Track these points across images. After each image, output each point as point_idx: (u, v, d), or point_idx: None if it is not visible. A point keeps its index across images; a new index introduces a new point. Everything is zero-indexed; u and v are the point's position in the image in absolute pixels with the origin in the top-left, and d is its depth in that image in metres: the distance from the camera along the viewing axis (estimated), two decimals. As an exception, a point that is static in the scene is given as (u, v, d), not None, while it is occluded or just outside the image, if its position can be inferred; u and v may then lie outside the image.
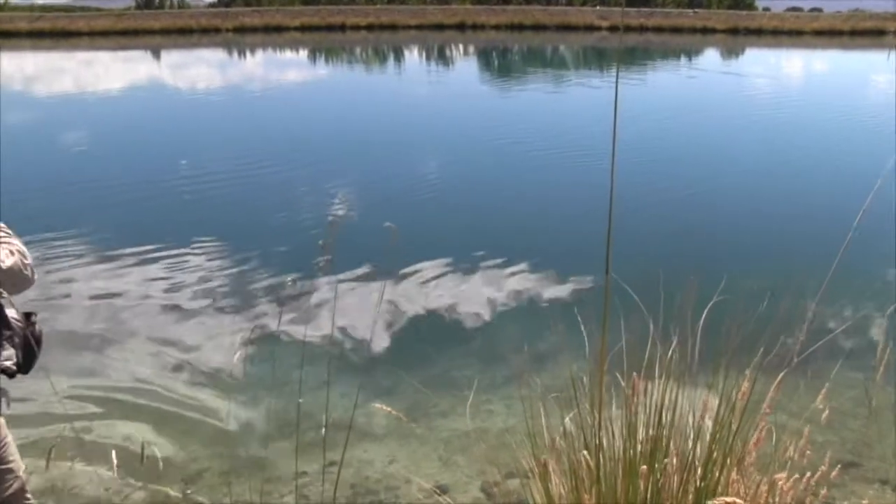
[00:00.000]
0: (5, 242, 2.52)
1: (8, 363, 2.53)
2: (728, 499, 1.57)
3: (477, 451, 4.33)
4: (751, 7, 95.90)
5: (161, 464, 4.38)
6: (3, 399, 2.58)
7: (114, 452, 2.36)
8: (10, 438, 2.63)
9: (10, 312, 2.60)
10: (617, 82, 2.11)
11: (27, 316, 2.67)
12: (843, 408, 4.76)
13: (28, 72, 34.79)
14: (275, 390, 5.09)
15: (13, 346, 2.55)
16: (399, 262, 7.76)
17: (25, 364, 2.61)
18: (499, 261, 8.08)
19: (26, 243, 2.62)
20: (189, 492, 4.26)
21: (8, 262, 2.44)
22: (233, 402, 5.09)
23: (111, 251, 8.49)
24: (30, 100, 24.32)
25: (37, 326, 2.67)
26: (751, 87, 26.50)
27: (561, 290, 7.17)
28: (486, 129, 17.40)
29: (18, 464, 2.66)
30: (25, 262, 2.51)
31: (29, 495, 2.71)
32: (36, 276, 2.55)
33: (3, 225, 2.61)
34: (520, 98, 24.90)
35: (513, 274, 7.70)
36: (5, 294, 2.61)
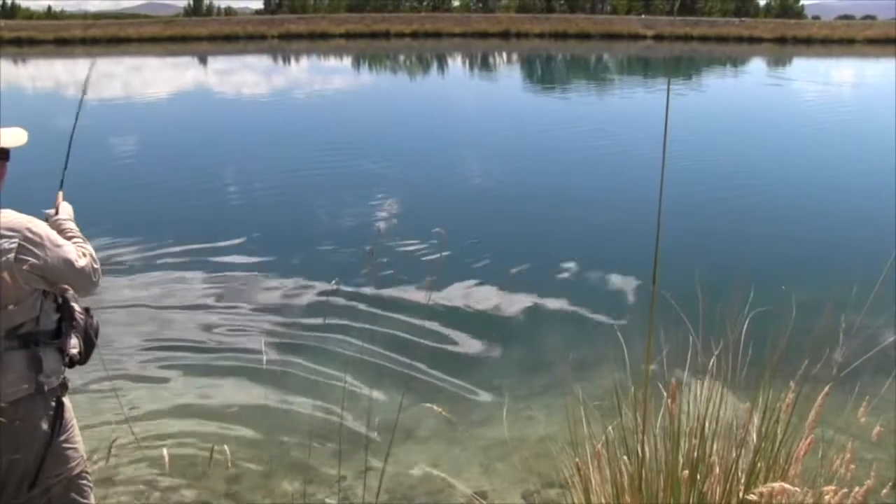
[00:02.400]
0: (79, 245, 2.73)
1: (73, 351, 2.71)
2: (776, 484, 1.56)
3: (517, 459, 4.33)
4: (800, 15, 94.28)
5: (204, 463, 4.46)
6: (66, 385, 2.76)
7: (165, 451, 2.43)
8: (74, 421, 2.78)
9: (74, 306, 2.77)
10: (668, 95, 2.11)
11: (86, 310, 2.83)
12: (893, 425, 4.66)
13: (81, 78, 35.58)
14: (318, 393, 5.15)
15: (77, 337, 2.73)
16: (447, 264, 7.85)
17: (85, 355, 2.79)
18: (543, 266, 8.11)
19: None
20: (231, 492, 4.33)
21: (81, 262, 2.65)
22: (276, 404, 5.16)
23: (157, 248, 8.76)
24: (91, 105, 24.89)
25: (94, 320, 2.84)
26: (800, 97, 26.09)
27: (604, 298, 7.14)
28: (539, 135, 17.51)
29: (82, 446, 2.82)
30: (94, 266, 2.72)
31: (88, 477, 2.85)
32: (99, 281, 2.75)
33: (76, 229, 2.83)
34: (571, 104, 24.87)
35: (556, 280, 7.68)
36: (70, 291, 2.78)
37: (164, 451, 2.51)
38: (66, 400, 2.71)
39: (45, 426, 2.61)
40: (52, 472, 2.65)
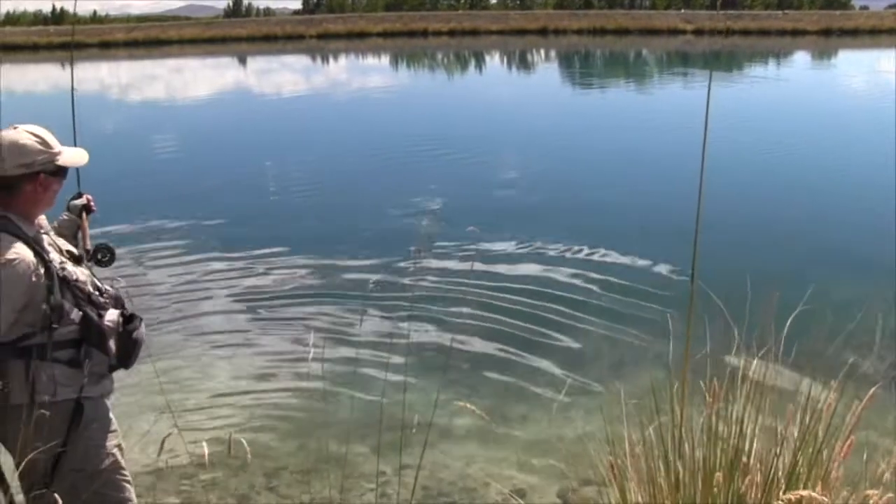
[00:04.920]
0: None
1: (93, 367, 2.74)
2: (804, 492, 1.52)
3: (554, 456, 4.32)
4: (846, 6, 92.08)
5: (245, 458, 4.52)
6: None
7: (205, 444, 2.47)
8: (102, 419, 2.83)
9: (110, 315, 2.79)
10: (710, 88, 2.09)
11: (131, 318, 2.85)
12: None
13: (126, 80, 36.28)
14: (357, 389, 5.19)
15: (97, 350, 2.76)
16: (490, 260, 7.88)
17: (121, 361, 2.83)
18: (585, 260, 8.07)
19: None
20: (271, 486, 4.38)
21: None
22: (315, 400, 5.21)
23: (204, 243, 8.97)
24: (142, 107, 25.41)
25: (136, 331, 2.85)
26: (846, 89, 25.55)
27: (645, 295, 7.02)
28: (586, 129, 17.52)
29: (112, 443, 2.86)
30: None
31: (123, 472, 2.89)
32: None
33: None
34: (615, 98, 24.72)
35: (597, 275, 7.61)
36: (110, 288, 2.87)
37: (205, 445, 2.53)
38: (87, 403, 2.74)
39: (57, 429, 2.63)
40: (72, 467, 2.69)
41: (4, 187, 2.61)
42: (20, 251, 2.57)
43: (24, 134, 2.64)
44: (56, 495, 2.30)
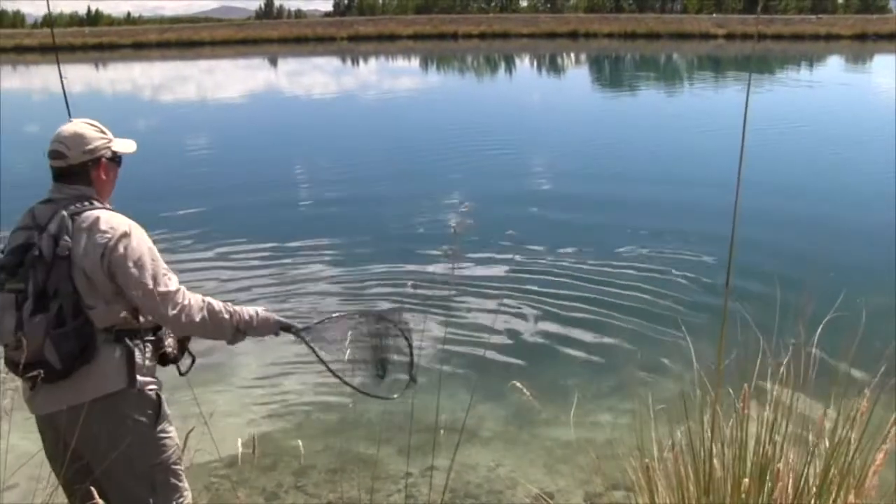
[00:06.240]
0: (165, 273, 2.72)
1: (168, 349, 2.86)
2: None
3: (582, 460, 4.31)
4: (883, 10, 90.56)
5: (274, 456, 4.57)
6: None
7: (240, 441, 2.50)
8: (168, 412, 2.93)
9: None
10: (748, 95, 2.08)
11: None
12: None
13: (157, 82, 36.70)
14: (386, 390, 5.19)
15: (172, 336, 2.88)
16: (520, 265, 7.90)
17: (180, 353, 2.96)
18: (612, 264, 8.02)
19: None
20: (299, 485, 4.41)
21: (149, 277, 2.65)
22: (345, 400, 5.23)
23: (230, 240, 9.03)
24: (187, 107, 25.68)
25: None
26: (886, 94, 25.14)
27: (679, 299, 6.96)
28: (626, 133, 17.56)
29: (175, 434, 2.96)
30: (172, 293, 2.70)
31: (180, 462, 2.99)
32: (174, 313, 2.71)
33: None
34: (650, 101, 24.59)
35: (624, 279, 7.57)
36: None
37: (239, 443, 2.58)
38: (162, 393, 2.86)
39: (142, 419, 2.74)
40: (153, 461, 2.80)
41: (74, 174, 2.74)
42: None
43: (81, 124, 2.79)
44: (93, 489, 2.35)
